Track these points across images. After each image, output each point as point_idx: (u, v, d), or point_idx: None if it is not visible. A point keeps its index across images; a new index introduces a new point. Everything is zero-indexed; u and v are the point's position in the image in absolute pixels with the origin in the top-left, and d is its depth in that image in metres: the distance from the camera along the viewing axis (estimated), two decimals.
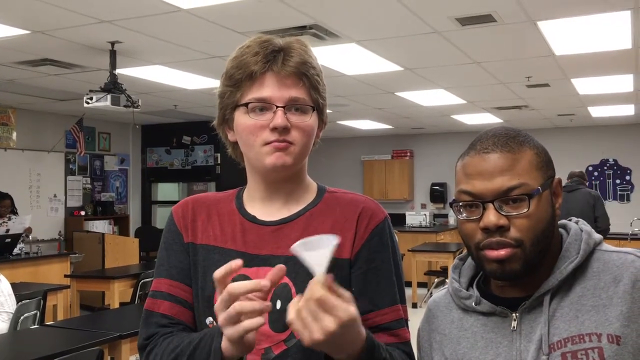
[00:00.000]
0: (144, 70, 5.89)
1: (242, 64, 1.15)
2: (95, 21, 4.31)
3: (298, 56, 1.16)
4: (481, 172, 1.02)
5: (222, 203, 1.27)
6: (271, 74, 1.14)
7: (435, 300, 1.21)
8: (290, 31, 4.49)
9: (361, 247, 1.17)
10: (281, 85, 1.14)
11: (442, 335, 1.14)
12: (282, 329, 1.12)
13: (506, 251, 0.99)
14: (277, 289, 1.12)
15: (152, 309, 1.21)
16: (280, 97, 1.14)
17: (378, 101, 7.93)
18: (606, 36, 4.83)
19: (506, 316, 1.05)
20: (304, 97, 1.16)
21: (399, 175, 11.96)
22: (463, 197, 1.04)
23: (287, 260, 1.14)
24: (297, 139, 1.15)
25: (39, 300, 4.47)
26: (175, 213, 1.28)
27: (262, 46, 1.15)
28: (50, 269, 6.79)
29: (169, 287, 1.21)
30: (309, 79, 1.17)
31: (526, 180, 1.01)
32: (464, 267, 1.18)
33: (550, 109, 8.75)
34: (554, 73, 6.19)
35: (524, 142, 1.04)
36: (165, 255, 1.25)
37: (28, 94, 7.22)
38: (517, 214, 1.00)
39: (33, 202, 8.63)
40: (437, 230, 10.78)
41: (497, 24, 4.42)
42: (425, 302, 9.04)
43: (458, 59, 5.55)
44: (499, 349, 1.04)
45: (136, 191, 10.50)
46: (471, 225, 1.03)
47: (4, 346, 3.38)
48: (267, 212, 1.22)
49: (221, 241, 1.21)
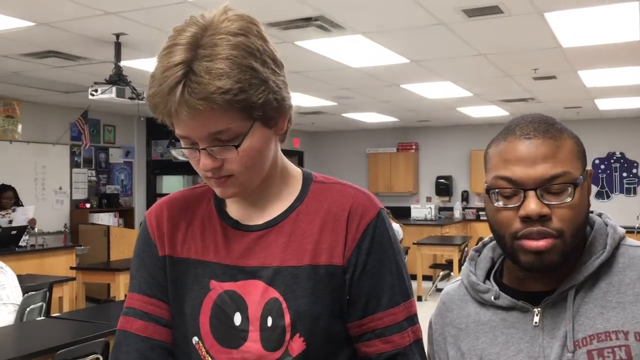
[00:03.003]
0: (149, 62, 5.87)
1: (153, 106, 0.99)
2: (100, 13, 4.30)
3: (207, 82, 0.93)
4: (522, 158, 0.97)
5: (201, 203, 1.16)
6: (181, 109, 0.95)
7: (448, 293, 1.16)
8: (295, 22, 4.48)
9: (353, 250, 1.07)
10: (195, 119, 0.95)
11: (457, 329, 1.09)
12: (276, 347, 1.04)
13: (546, 242, 0.95)
14: (266, 305, 1.05)
15: (125, 329, 1.12)
16: (199, 136, 0.99)
17: (383, 94, 7.90)
18: (614, 28, 4.78)
19: (527, 311, 1.01)
20: (227, 127, 0.97)
21: (404, 168, 11.94)
22: (500, 183, 0.98)
23: (275, 271, 1.06)
24: (234, 170, 1.01)
25: (45, 292, 4.48)
26: (149, 221, 1.17)
27: (161, 79, 0.95)
28: (56, 261, 6.81)
29: (142, 304, 1.13)
30: (229, 103, 0.94)
31: (569, 168, 0.96)
32: (480, 259, 1.13)
33: (556, 102, 8.70)
34: (560, 65, 6.15)
35: (562, 129, 1.00)
36: (137, 267, 1.16)
37: (33, 86, 7.22)
38: (559, 203, 0.95)
39: (38, 194, 8.65)
40: (442, 223, 10.76)
41: (504, 15, 4.38)
42: (430, 295, 9.03)
43: (464, 51, 5.52)
44: (520, 345, 1.00)
45: (141, 184, 10.51)
46: (508, 214, 0.98)
47: (10, 338, 3.40)
48: (249, 214, 1.12)
49: (202, 254, 1.11)
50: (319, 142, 12.63)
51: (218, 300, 1.08)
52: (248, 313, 1.06)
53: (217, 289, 1.08)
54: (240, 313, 1.06)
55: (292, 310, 1.05)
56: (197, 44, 0.96)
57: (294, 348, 1.04)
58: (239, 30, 0.97)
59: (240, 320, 1.06)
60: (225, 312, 1.07)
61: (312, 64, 5.94)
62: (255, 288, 1.07)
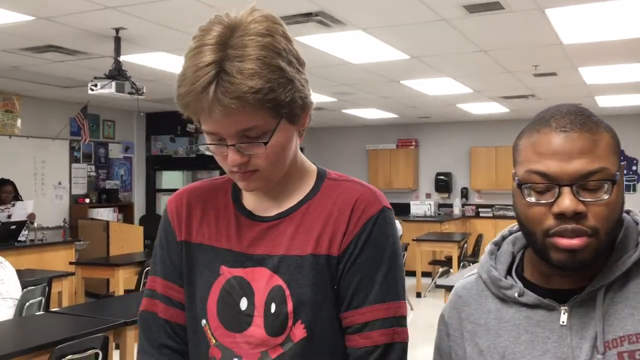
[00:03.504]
0: (148, 57, 5.86)
1: (184, 105, 1.02)
2: (100, 7, 4.28)
3: (238, 85, 0.97)
4: (558, 152, 0.92)
5: (218, 194, 1.21)
6: (214, 105, 0.98)
7: (465, 287, 1.11)
8: (295, 18, 4.46)
9: (349, 242, 1.09)
10: (227, 117, 0.99)
11: (475, 325, 1.05)
12: (278, 332, 1.08)
13: (581, 240, 0.90)
14: (271, 292, 1.09)
15: (152, 310, 1.19)
16: (228, 133, 1.02)
17: (384, 90, 7.89)
18: (614, 25, 4.78)
19: (553, 309, 0.97)
20: (256, 125, 1.02)
21: (404, 165, 11.93)
22: (533, 177, 0.93)
23: (280, 259, 1.10)
24: (260, 165, 1.06)
25: (44, 287, 4.48)
26: (169, 208, 1.23)
27: (194, 78, 0.98)
28: (55, 256, 6.81)
29: (164, 288, 1.19)
30: (260, 102, 0.99)
31: (606, 164, 0.92)
32: (500, 253, 1.09)
33: (557, 99, 8.69)
34: (561, 62, 6.14)
35: (599, 123, 0.95)
36: (160, 252, 1.22)
37: (32, 81, 7.20)
38: (596, 200, 0.91)
39: (38, 189, 8.64)
40: (441, 219, 10.77)
41: (505, 11, 4.37)
42: (429, 291, 9.04)
43: (465, 47, 5.51)
44: (546, 345, 0.96)
45: (141, 179, 10.51)
46: (540, 210, 0.93)
47: (10, 332, 3.40)
48: (264, 206, 1.16)
49: (215, 240, 1.16)
50: (319, 138, 12.62)
51: (226, 285, 1.13)
52: (254, 299, 1.10)
53: (227, 274, 1.13)
54: (246, 298, 1.11)
55: (294, 298, 1.08)
56: (227, 44, 0.99)
57: (295, 334, 1.08)
58: (266, 31, 1.01)
59: (246, 305, 1.10)
60: (232, 296, 1.12)
61: (312, 60, 5.92)
62: (262, 275, 1.11)
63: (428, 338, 5.32)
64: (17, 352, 2.90)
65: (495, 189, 11.27)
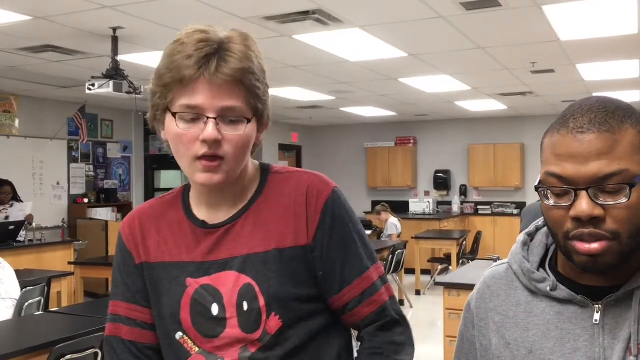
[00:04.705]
0: (146, 57, 5.85)
1: (173, 67, 1.07)
2: (97, 6, 4.28)
3: (236, 61, 1.06)
4: (574, 154, 0.88)
5: (170, 211, 1.23)
6: (204, 79, 1.05)
7: (494, 276, 1.08)
8: (293, 16, 4.46)
9: (316, 229, 1.15)
10: (214, 93, 1.06)
11: (502, 317, 1.03)
12: (254, 328, 1.12)
13: (600, 244, 0.87)
14: (240, 291, 1.13)
15: (116, 334, 1.22)
16: (212, 107, 1.06)
17: (382, 88, 7.88)
18: (612, 21, 4.78)
19: (586, 307, 0.94)
20: (239, 106, 1.08)
21: (402, 163, 11.94)
22: (551, 180, 0.91)
23: (245, 259, 1.14)
24: (229, 153, 1.09)
25: (43, 287, 4.48)
26: (123, 232, 1.25)
27: (196, 47, 1.06)
28: (54, 256, 6.80)
29: (127, 311, 1.22)
30: (246, 86, 1.08)
31: (627, 165, 0.87)
32: (533, 245, 1.05)
33: (555, 96, 8.70)
34: (559, 59, 6.14)
35: (624, 118, 0.91)
36: (119, 277, 1.24)
37: (30, 81, 7.19)
38: (614, 203, 0.87)
39: (36, 189, 8.63)
40: (440, 217, 10.78)
41: (502, 8, 4.37)
42: (428, 289, 9.05)
43: (462, 45, 5.51)
44: (577, 343, 0.93)
45: (139, 179, 10.50)
46: (560, 212, 0.90)
47: (9, 332, 3.40)
48: (215, 214, 1.19)
49: (176, 255, 1.18)
50: (317, 137, 12.61)
51: (195, 295, 1.15)
52: (224, 302, 1.13)
53: (194, 284, 1.16)
54: (216, 303, 1.14)
55: (264, 292, 1.12)
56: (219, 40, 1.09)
57: (271, 326, 1.12)
58: (249, 44, 1.11)
59: (217, 310, 1.14)
60: (203, 305, 1.14)
61: (310, 58, 5.92)
62: (228, 278, 1.14)
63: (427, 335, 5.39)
64: (17, 352, 2.89)
65: (493, 186, 11.29)
